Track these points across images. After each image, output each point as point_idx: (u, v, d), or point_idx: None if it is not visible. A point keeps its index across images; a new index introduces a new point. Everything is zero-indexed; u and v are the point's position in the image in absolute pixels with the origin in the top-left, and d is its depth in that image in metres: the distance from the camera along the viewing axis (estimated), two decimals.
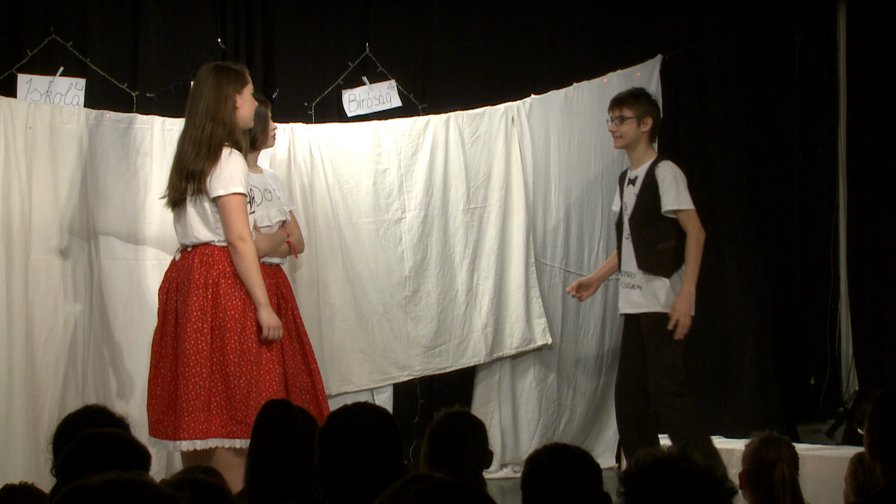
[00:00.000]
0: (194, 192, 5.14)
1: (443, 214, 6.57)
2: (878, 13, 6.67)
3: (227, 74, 5.25)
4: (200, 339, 5.07)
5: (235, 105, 5.21)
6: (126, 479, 1.85)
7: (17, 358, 5.65)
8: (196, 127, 5.17)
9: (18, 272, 5.69)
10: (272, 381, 5.13)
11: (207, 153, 5.13)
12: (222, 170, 5.11)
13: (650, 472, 2.57)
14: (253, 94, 5.39)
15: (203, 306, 5.09)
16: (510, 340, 6.67)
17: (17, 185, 5.71)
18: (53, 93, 6.01)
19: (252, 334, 5.12)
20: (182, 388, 5.06)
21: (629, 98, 5.97)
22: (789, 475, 3.67)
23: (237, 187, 5.11)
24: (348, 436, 2.90)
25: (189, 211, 5.17)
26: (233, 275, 5.14)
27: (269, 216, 5.62)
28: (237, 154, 5.17)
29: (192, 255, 5.18)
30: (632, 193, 5.95)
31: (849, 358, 7.04)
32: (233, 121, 5.20)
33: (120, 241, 5.96)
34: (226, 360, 5.07)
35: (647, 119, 5.93)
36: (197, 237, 5.17)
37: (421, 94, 6.81)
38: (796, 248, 7.25)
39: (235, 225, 5.10)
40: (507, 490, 6.11)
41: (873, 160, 6.69)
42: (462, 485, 2.27)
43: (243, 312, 5.12)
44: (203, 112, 5.17)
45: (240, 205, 5.12)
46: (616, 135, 5.96)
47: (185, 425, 5.02)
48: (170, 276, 5.28)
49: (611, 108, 6.01)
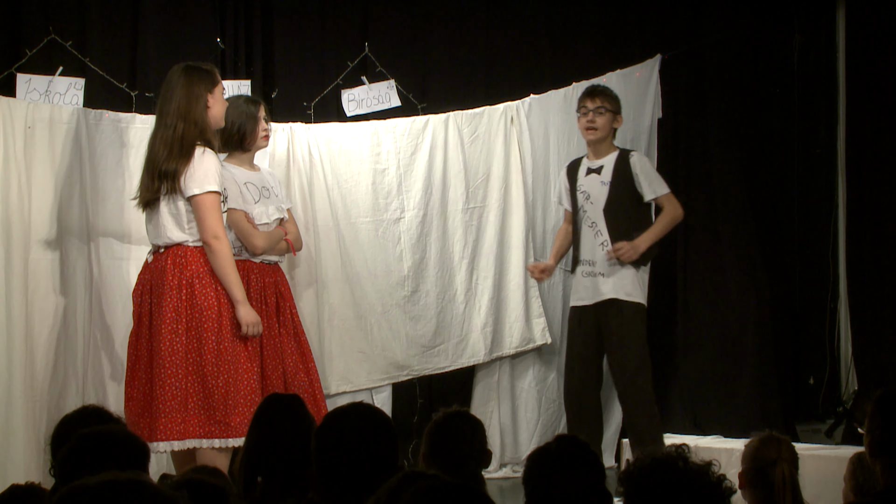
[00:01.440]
0: (168, 191, 5.14)
1: (442, 214, 6.57)
2: (877, 13, 6.66)
3: (198, 74, 5.25)
4: (176, 340, 5.06)
5: (207, 104, 5.21)
6: (124, 480, 1.85)
7: (16, 358, 5.65)
8: (167, 126, 5.17)
9: (18, 272, 5.69)
10: (250, 381, 5.14)
11: (180, 153, 5.13)
12: (196, 169, 5.11)
13: (649, 472, 2.57)
14: (244, 95, 5.39)
15: (177, 307, 5.09)
16: (509, 340, 6.67)
17: (17, 185, 5.71)
18: (52, 92, 6.01)
19: (228, 334, 5.12)
20: (158, 390, 5.05)
21: (607, 91, 6.19)
22: (789, 474, 3.67)
23: (212, 185, 5.12)
24: (344, 436, 2.90)
25: (162, 211, 5.17)
26: (207, 274, 5.13)
27: (267, 213, 5.63)
28: (210, 153, 5.17)
29: (164, 256, 5.18)
30: (597, 182, 6.12)
31: (848, 357, 7.03)
32: (204, 120, 5.20)
33: (119, 240, 5.96)
34: (202, 361, 5.07)
35: (619, 116, 6.19)
36: (170, 238, 5.17)
37: (420, 94, 6.81)
38: (795, 248, 7.24)
39: (210, 223, 5.10)
40: (506, 490, 6.11)
41: (872, 160, 6.68)
42: (461, 484, 2.26)
43: (219, 312, 5.11)
44: (174, 112, 5.17)
45: (214, 203, 5.13)
46: (593, 125, 6.09)
47: (161, 426, 5.02)
48: (143, 277, 5.28)
49: (588, 97, 6.16)
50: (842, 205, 7.09)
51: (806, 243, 7.27)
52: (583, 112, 6.16)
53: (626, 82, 6.67)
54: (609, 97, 6.18)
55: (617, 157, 6.16)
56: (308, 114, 6.54)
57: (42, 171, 5.79)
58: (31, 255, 5.75)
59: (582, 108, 6.17)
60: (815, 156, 7.24)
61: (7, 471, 5.49)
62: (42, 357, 5.74)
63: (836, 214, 7.14)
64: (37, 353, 5.73)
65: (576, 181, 6.24)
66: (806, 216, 7.25)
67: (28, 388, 5.67)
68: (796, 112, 7.21)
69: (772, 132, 7.14)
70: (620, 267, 6.03)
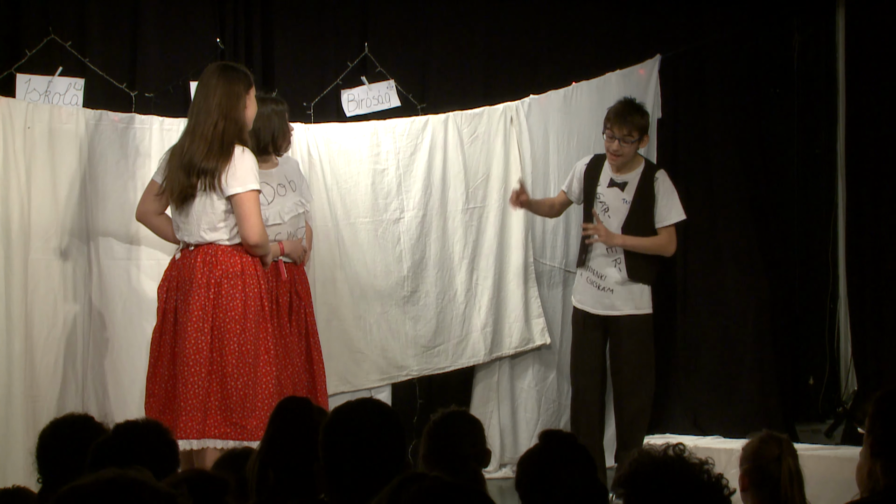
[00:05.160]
0: (205, 187, 5.12)
1: (441, 214, 6.57)
2: (877, 13, 6.66)
3: (237, 74, 5.26)
4: (200, 338, 5.06)
5: (245, 104, 5.21)
6: (124, 478, 1.84)
7: (16, 358, 5.65)
8: (208, 123, 5.13)
9: (17, 272, 5.69)
10: (268, 384, 5.13)
11: (220, 150, 5.11)
12: (237, 167, 5.10)
13: (648, 472, 2.56)
14: (272, 96, 5.40)
15: (204, 306, 5.08)
16: (509, 340, 6.67)
17: (16, 185, 5.71)
18: (52, 93, 6.00)
19: (251, 336, 5.11)
20: (181, 388, 5.05)
21: (636, 117, 6.02)
22: (796, 469, 3.66)
23: (253, 184, 5.13)
24: (352, 431, 2.89)
25: (196, 208, 5.15)
26: (235, 275, 5.13)
27: (280, 213, 5.61)
28: (249, 152, 5.17)
29: (194, 253, 5.17)
30: (619, 198, 6.08)
31: (847, 358, 7.03)
32: (243, 120, 5.20)
33: (119, 241, 5.95)
34: (224, 362, 5.06)
35: (646, 137, 6.12)
36: (202, 236, 5.16)
37: (420, 94, 6.80)
38: (795, 248, 7.24)
39: (252, 221, 5.10)
40: (506, 490, 6.11)
41: (872, 160, 6.68)
42: (461, 484, 2.26)
43: (243, 314, 5.10)
44: (216, 109, 5.14)
45: (256, 201, 5.14)
46: (618, 154, 6.02)
47: (182, 424, 5.01)
48: (170, 274, 5.26)
49: (617, 125, 6.01)
50: (842, 205, 7.08)
51: (806, 243, 7.27)
52: (608, 136, 6.05)
53: (627, 82, 6.67)
54: (638, 126, 6.01)
55: (641, 176, 6.11)
56: (308, 114, 6.54)
57: (42, 171, 5.79)
58: (31, 255, 5.75)
59: (608, 132, 6.05)
60: (815, 156, 7.24)
61: (6, 471, 5.49)
62: (41, 357, 5.74)
63: (836, 214, 7.14)
64: (36, 353, 5.73)
65: (595, 186, 6.20)
66: (806, 216, 7.25)
67: (28, 388, 5.67)
68: (796, 112, 7.21)
69: (772, 132, 7.14)
70: (631, 283, 6.09)
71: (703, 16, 7.05)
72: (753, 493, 3.68)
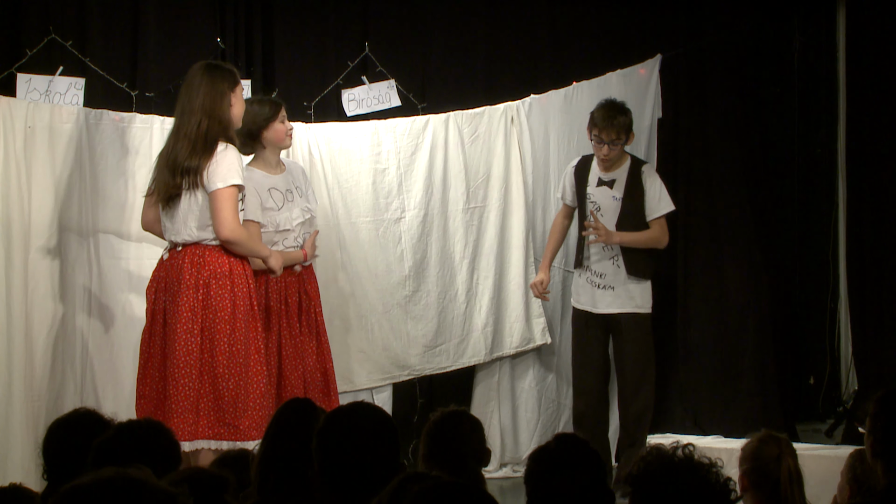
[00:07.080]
0: (189, 186, 5.12)
1: (442, 214, 6.57)
2: (877, 13, 6.66)
3: (220, 72, 5.26)
4: (190, 339, 5.05)
5: (230, 102, 5.21)
6: (122, 477, 1.84)
7: (16, 358, 5.64)
8: (192, 123, 5.14)
9: (18, 271, 5.69)
10: (260, 384, 5.13)
11: (203, 149, 5.11)
12: (219, 164, 5.10)
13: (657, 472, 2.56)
14: (261, 96, 5.39)
15: (193, 307, 5.07)
16: (510, 340, 6.67)
17: (17, 185, 5.71)
18: (53, 92, 6.00)
19: (241, 336, 5.11)
20: (171, 389, 5.04)
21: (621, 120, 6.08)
22: (795, 469, 3.66)
23: (235, 179, 5.11)
24: (346, 435, 2.90)
25: (182, 207, 5.16)
26: (223, 276, 5.12)
27: (290, 219, 5.62)
28: (232, 148, 5.16)
29: (181, 254, 5.16)
30: (608, 196, 6.15)
31: (848, 357, 7.04)
32: (228, 118, 5.19)
33: (119, 240, 5.95)
34: (215, 362, 5.06)
35: (632, 134, 6.19)
36: (189, 235, 5.16)
37: (420, 94, 6.80)
38: (796, 248, 7.24)
39: (223, 216, 5.07)
40: (506, 489, 6.11)
41: (873, 160, 6.67)
42: (463, 483, 2.26)
43: (232, 314, 5.10)
44: (199, 108, 5.15)
45: (233, 196, 5.10)
46: (606, 157, 6.09)
47: (174, 426, 5.00)
48: (158, 275, 5.25)
49: (605, 130, 6.07)
50: (842, 205, 7.09)
51: (806, 243, 7.27)
52: (597, 142, 6.11)
53: (627, 82, 6.67)
54: (624, 128, 6.09)
55: (629, 172, 6.18)
56: (308, 113, 6.54)
57: (42, 170, 5.79)
58: (31, 255, 5.75)
59: (596, 138, 6.11)
60: (815, 155, 7.25)
61: (6, 470, 5.49)
62: (41, 357, 5.74)
63: (836, 214, 7.14)
64: (36, 352, 5.73)
65: (585, 186, 6.25)
66: (806, 216, 7.25)
67: (27, 387, 5.67)
68: (796, 112, 7.21)
69: (772, 132, 7.14)
70: (630, 281, 6.12)
71: (703, 16, 7.04)
72: (753, 494, 3.68)
